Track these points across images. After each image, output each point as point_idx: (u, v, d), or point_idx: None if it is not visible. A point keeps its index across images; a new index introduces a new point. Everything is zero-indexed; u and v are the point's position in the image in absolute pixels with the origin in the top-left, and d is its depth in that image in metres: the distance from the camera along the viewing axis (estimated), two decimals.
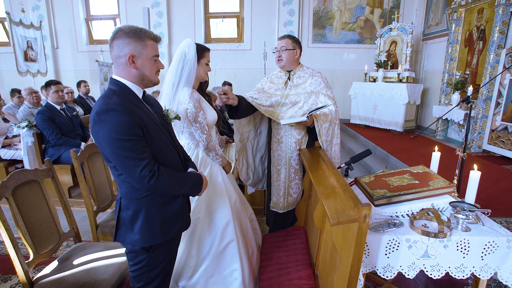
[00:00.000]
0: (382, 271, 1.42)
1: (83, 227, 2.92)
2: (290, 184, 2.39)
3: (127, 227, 1.36)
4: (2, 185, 1.49)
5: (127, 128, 1.20)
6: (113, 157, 1.24)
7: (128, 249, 1.41)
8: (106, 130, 1.19)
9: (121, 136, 1.19)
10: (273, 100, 2.34)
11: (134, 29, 1.26)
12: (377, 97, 5.95)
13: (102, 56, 7.01)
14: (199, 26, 7.26)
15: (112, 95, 1.24)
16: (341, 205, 1.33)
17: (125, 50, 1.25)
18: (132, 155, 1.21)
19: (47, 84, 3.57)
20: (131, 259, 1.42)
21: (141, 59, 1.28)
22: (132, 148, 1.21)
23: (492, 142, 4.11)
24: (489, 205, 1.67)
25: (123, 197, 1.36)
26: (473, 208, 1.47)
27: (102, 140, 1.21)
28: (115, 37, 1.26)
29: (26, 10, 6.85)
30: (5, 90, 6.23)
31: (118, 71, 1.30)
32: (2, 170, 3.74)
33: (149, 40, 1.29)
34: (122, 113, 1.19)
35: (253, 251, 2.19)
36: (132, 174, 1.24)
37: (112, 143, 1.20)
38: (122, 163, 1.23)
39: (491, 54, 4.17)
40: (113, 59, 1.30)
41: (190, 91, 1.86)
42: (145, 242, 1.37)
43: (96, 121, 1.20)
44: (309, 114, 2.08)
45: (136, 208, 1.34)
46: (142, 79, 1.32)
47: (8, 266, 2.43)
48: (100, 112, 1.19)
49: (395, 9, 6.75)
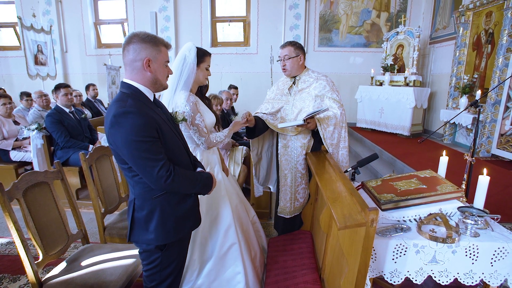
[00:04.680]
0: (389, 276, 1.41)
1: (90, 229, 2.95)
2: (297, 189, 2.38)
3: (142, 227, 1.39)
4: (14, 187, 1.52)
5: (144, 130, 1.24)
6: (130, 159, 1.27)
7: (142, 248, 1.44)
8: (124, 132, 1.22)
9: (138, 138, 1.23)
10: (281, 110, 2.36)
11: (150, 35, 1.32)
12: (384, 100, 5.91)
13: (110, 59, 7.09)
14: (205, 30, 7.32)
15: (126, 98, 1.28)
16: (348, 209, 1.33)
17: (142, 54, 1.30)
18: (149, 156, 1.25)
19: (56, 87, 3.64)
20: (145, 259, 1.45)
21: (156, 64, 1.34)
22: (149, 149, 1.25)
23: (501, 146, 4.05)
24: (498, 211, 1.65)
25: (137, 198, 1.39)
26: (482, 214, 1.45)
27: (119, 142, 1.24)
28: (131, 42, 1.30)
29: (37, 15, 6.98)
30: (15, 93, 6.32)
31: (132, 74, 1.33)
32: (12, 171, 3.80)
33: (163, 46, 1.36)
34: (139, 115, 1.23)
35: (256, 253, 2.19)
36: (149, 175, 1.28)
37: (130, 145, 1.23)
38: (139, 164, 1.27)
39: (500, 57, 4.12)
40: (126, 63, 1.33)
41: (187, 94, 1.87)
42: (160, 241, 1.40)
43: (114, 124, 1.22)
44: (307, 117, 2.08)
45: (151, 208, 1.38)
46: (155, 83, 1.37)
47: (17, 266, 2.46)
48: (118, 115, 1.22)
49: (402, 13, 6.72)
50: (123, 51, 1.32)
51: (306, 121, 2.08)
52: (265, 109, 2.43)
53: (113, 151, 1.34)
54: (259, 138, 2.50)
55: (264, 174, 2.69)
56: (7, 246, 2.79)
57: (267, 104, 2.47)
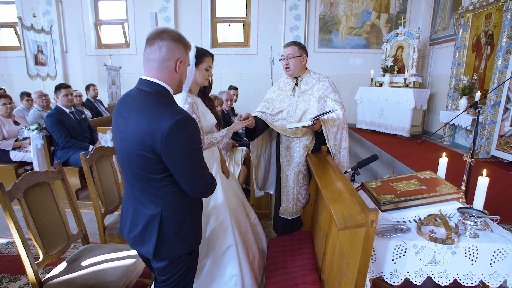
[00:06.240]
0: (389, 277, 1.42)
1: (91, 229, 2.95)
2: (299, 190, 2.38)
3: (171, 239, 1.30)
4: (14, 187, 1.52)
5: (198, 137, 1.22)
6: (185, 167, 1.19)
7: (170, 261, 1.33)
8: (184, 139, 1.15)
9: (197, 145, 1.21)
10: (283, 112, 2.35)
11: (180, 35, 1.25)
12: (383, 102, 5.92)
13: (110, 60, 7.10)
14: (206, 30, 7.33)
15: (172, 103, 1.22)
16: (348, 210, 1.33)
17: (176, 54, 1.22)
18: (202, 163, 1.25)
19: (57, 88, 3.64)
20: (171, 270, 1.35)
21: (184, 66, 1.28)
22: (201, 156, 1.24)
23: (500, 148, 4.06)
24: (497, 212, 1.65)
25: (166, 210, 1.27)
26: (482, 215, 1.46)
27: (177, 149, 1.15)
28: (161, 38, 1.20)
29: (37, 15, 6.98)
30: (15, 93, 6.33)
31: (161, 74, 1.23)
32: (12, 172, 3.80)
33: (189, 46, 1.30)
34: (195, 122, 1.20)
35: (255, 256, 2.17)
36: (198, 182, 1.24)
37: (189, 152, 1.18)
38: (193, 172, 1.22)
39: (499, 59, 4.13)
40: (155, 59, 1.22)
41: (185, 95, 1.84)
42: (192, 247, 1.37)
43: (174, 130, 1.12)
44: (315, 118, 2.10)
45: (182, 217, 1.31)
46: (179, 85, 1.31)
47: (17, 266, 2.46)
48: (180, 121, 1.13)
49: (402, 14, 6.74)
50: (151, 45, 1.20)
51: (313, 122, 2.09)
52: (266, 108, 2.42)
53: (145, 159, 1.19)
54: (258, 139, 2.50)
55: (262, 178, 2.69)
56: (7, 246, 2.79)
57: (266, 103, 2.46)
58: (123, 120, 1.23)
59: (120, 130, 1.25)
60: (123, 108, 1.26)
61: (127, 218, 1.37)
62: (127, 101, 1.26)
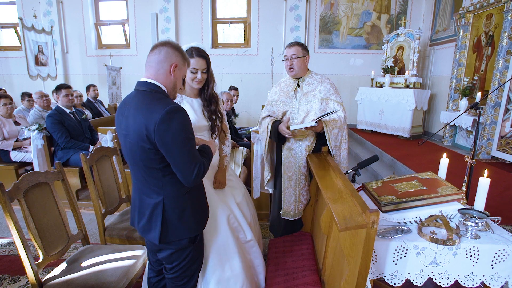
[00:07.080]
0: (390, 278, 1.41)
1: (91, 229, 2.95)
2: (301, 191, 2.38)
3: (175, 225, 1.44)
4: (14, 187, 1.52)
5: (190, 127, 1.35)
6: (178, 154, 1.30)
7: (175, 248, 1.48)
8: (176, 128, 1.27)
9: (188, 134, 1.32)
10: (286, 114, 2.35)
11: (181, 47, 1.44)
12: (384, 102, 5.92)
13: (111, 60, 7.11)
14: (206, 31, 7.33)
15: (165, 98, 1.36)
16: (348, 210, 1.32)
17: (173, 59, 1.38)
18: (194, 151, 1.35)
19: (57, 88, 3.64)
20: (177, 258, 1.50)
21: (179, 72, 1.42)
22: (194, 145, 1.36)
23: (501, 148, 4.06)
24: (498, 213, 1.65)
25: (167, 197, 1.41)
26: (483, 216, 1.46)
27: (169, 137, 1.27)
28: (165, 45, 1.38)
29: (38, 16, 6.99)
30: (16, 94, 6.34)
31: (157, 74, 1.38)
32: (12, 172, 3.80)
33: (187, 62, 1.48)
34: (186, 113, 1.33)
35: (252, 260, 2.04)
36: (189, 170, 1.33)
37: (181, 140, 1.29)
38: (185, 159, 1.31)
39: (500, 60, 4.13)
40: (153, 61, 1.37)
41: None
42: (194, 232, 1.49)
43: (165, 120, 1.25)
44: (318, 119, 2.10)
45: (183, 203, 1.44)
46: (173, 88, 1.44)
47: (17, 267, 2.46)
48: (170, 111, 1.26)
49: (402, 15, 6.74)
50: (153, 50, 1.38)
51: (316, 122, 2.09)
52: (272, 112, 2.41)
53: (145, 151, 1.32)
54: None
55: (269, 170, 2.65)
56: (7, 247, 2.79)
57: (270, 106, 2.45)
58: (124, 118, 1.37)
59: (122, 127, 1.39)
60: (123, 109, 1.40)
61: (135, 210, 1.52)
62: (127, 101, 1.40)
